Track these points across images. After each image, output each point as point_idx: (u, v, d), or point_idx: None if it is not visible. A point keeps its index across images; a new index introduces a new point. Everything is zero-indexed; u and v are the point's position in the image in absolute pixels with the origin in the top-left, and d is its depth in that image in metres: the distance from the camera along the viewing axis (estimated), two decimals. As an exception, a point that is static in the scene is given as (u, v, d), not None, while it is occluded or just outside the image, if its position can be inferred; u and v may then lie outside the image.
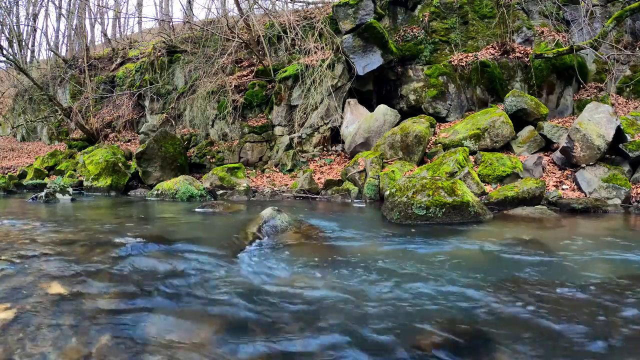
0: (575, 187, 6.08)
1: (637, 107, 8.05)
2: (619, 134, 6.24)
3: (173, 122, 11.30)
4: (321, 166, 8.65)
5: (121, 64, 14.57)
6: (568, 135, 6.38)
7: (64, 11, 18.45)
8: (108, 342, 1.72)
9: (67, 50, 18.47)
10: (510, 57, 8.65)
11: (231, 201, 6.82)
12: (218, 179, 7.90)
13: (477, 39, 9.36)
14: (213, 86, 10.13)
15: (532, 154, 7.03)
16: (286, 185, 8.05)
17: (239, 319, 1.97)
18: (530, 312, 2.06)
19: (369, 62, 8.85)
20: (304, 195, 7.24)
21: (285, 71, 9.51)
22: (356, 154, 8.00)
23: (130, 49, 15.50)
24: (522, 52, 8.74)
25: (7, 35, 15.55)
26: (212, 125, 10.39)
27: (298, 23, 10.09)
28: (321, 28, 9.52)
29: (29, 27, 18.77)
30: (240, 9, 11.31)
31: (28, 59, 18.75)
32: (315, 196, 7.20)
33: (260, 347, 1.73)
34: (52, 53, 17.03)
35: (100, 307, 2.06)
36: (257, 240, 3.46)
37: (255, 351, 1.70)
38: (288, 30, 9.95)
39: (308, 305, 2.14)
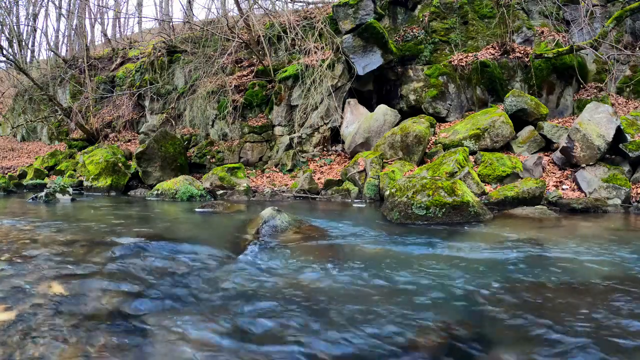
0: (575, 187, 6.08)
1: (637, 107, 8.05)
2: (619, 134, 6.24)
3: (173, 122, 11.30)
4: (321, 166, 8.65)
5: (121, 64, 14.56)
6: (568, 135, 6.38)
7: (64, 11, 18.46)
8: (108, 342, 1.72)
9: (67, 50, 18.47)
10: (510, 57, 8.64)
11: (231, 201, 6.82)
12: (218, 179, 7.90)
13: (477, 39, 9.36)
14: (213, 86, 10.12)
15: (532, 154, 7.03)
16: (286, 185, 8.05)
17: (240, 319, 1.97)
18: (531, 312, 2.06)
19: (369, 62, 8.85)
20: (304, 195, 7.24)
21: (285, 71, 9.50)
22: (356, 154, 8.00)
23: (130, 49, 15.49)
24: (522, 52, 8.74)
25: (7, 35, 15.55)
26: (212, 125, 10.39)
27: (298, 23, 10.09)
28: (321, 28, 9.51)
29: (29, 27, 18.77)
30: (240, 9, 11.31)
31: (28, 59, 18.75)
32: (315, 196, 7.20)
33: (260, 346, 1.73)
34: (52, 53, 17.03)
35: (100, 307, 2.06)
36: (258, 241, 3.46)
37: (255, 350, 1.70)
38: (288, 30, 9.95)
39: (308, 304, 2.14)
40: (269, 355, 1.67)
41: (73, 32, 17.65)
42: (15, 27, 16.29)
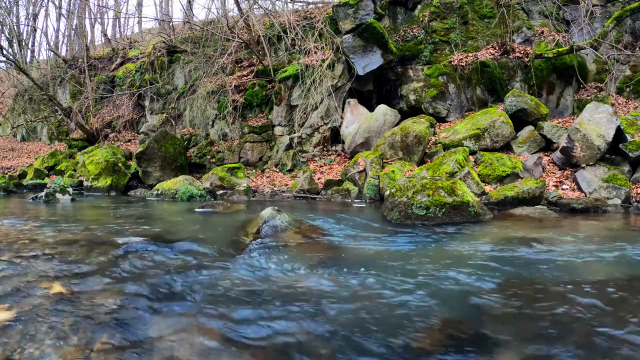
0: (575, 187, 6.08)
1: (637, 107, 8.05)
2: (619, 134, 6.24)
3: (173, 122, 11.30)
4: (321, 166, 8.65)
5: (121, 64, 14.56)
6: (568, 135, 6.38)
7: (64, 11, 18.46)
8: (108, 342, 1.72)
9: (67, 50, 18.48)
10: (510, 57, 8.64)
11: (231, 201, 6.82)
12: (218, 179, 7.90)
13: (477, 39, 9.36)
14: (213, 86, 10.12)
15: (532, 154, 7.03)
16: (286, 185, 8.05)
17: (239, 320, 1.97)
18: (531, 312, 2.06)
19: (369, 62, 8.85)
20: (304, 195, 7.24)
21: (285, 71, 9.50)
22: (356, 154, 8.00)
23: (130, 49, 15.49)
24: (522, 52, 8.74)
25: (7, 35, 15.55)
26: (212, 125, 10.39)
27: (298, 23, 10.09)
28: (321, 28, 9.51)
29: (29, 27, 18.78)
30: (240, 9, 11.31)
31: (28, 59, 18.75)
32: (315, 196, 7.20)
33: (260, 346, 1.73)
34: (52, 53, 17.03)
35: (100, 307, 2.06)
36: (258, 241, 3.46)
37: (255, 351, 1.70)
38: (288, 30, 9.95)
39: (308, 305, 2.14)
40: (267, 354, 1.66)
41: (73, 32, 17.66)
42: (15, 27, 16.29)
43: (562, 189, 6.08)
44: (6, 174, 10.60)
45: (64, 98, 14.71)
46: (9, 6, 16.03)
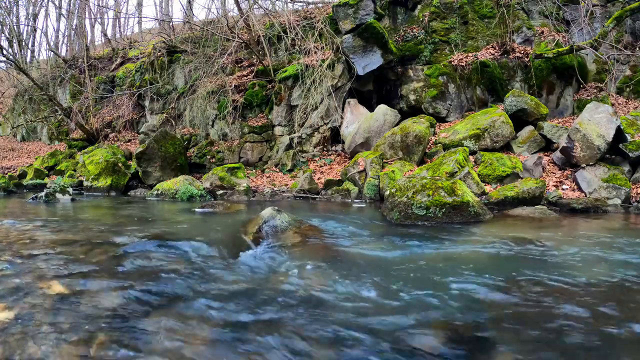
0: (575, 187, 6.08)
1: (637, 107, 8.04)
2: (619, 134, 6.24)
3: (173, 122, 11.30)
4: (321, 166, 8.65)
5: (121, 64, 14.56)
6: (568, 135, 6.38)
7: (64, 11, 18.46)
8: (108, 341, 1.72)
9: (67, 50, 18.48)
10: (510, 57, 8.64)
11: (231, 201, 6.82)
12: (218, 179, 7.90)
13: (477, 39, 9.36)
14: (213, 86, 10.12)
15: (532, 154, 7.03)
16: (286, 185, 8.05)
17: (239, 319, 1.97)
18: (531, 312, 2.06)
19: (369, 62, 8.85)
20: (304, 195, 7.24)
21: (285, 71, 9.50)
22: (356, 154, 8.00)
23: (130, 49, 15.49)
24: (522, 52, 8.74)
25: (7, 35, 15.56)
26: (212, 125, 10.39)
27: (298, 23, 10.09)
28: (321, 28, 9.51)
29: (29, 27, 18.78)
30: (240, 9, 11.31)
31: (28, 59, 18.75)
32: (315, 196, 7.19)
33: (259, 346, 1.73)
34: (52, 53, 17.02)
35: (100, 306, 2.06)
36: (257, 241, 3.46)
37: (254, 351, 1.69)
38: (288, 30, 9.95)
39: (308, 305, 2.14)
40: (266, 354, 1.67)
41: (73, 32, 17.66)
42: (15, 27, 16.29)
43: (562, 189, 6.08)
44: (6, 174, 10.60)
45: (64, 98, 14.71)
46: (9, 6, 16.04)
